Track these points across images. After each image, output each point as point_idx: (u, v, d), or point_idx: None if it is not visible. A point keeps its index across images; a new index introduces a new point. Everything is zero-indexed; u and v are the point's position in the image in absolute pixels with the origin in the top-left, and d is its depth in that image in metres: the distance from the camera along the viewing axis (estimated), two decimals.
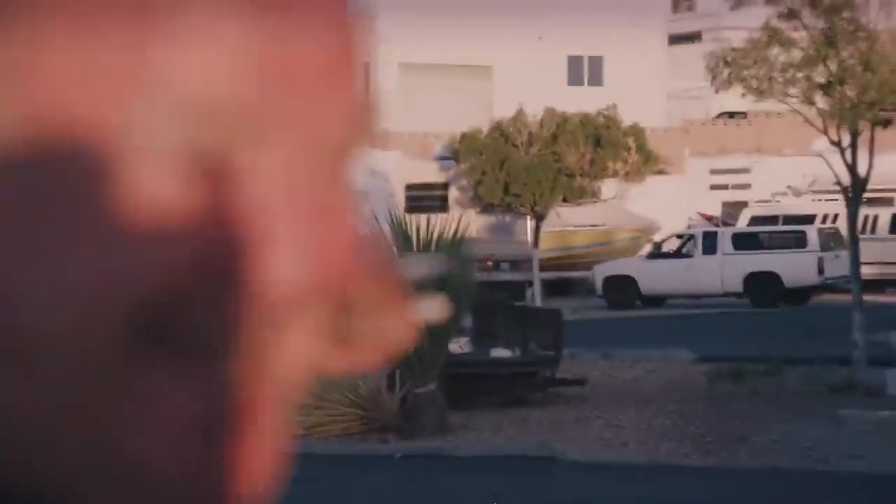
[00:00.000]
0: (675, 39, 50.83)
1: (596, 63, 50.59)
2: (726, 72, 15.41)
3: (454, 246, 12.84)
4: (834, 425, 11.96)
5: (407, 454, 11.47)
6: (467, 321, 14.36)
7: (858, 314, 14.45)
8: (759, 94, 15.24)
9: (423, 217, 13.82)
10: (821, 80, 15.06)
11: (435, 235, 12.76)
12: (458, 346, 14.10)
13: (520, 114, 28.97)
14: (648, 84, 48.25)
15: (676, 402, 13.64)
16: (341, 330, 0.52)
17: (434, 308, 0.60)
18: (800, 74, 15.07)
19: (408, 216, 13.89)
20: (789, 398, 13.61)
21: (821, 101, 15.09)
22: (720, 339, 19.73)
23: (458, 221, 13.15)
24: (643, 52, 49.13)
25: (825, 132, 15.06)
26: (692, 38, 52.10)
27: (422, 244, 12.71)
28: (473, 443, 11.89)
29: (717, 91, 16.05)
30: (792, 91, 15.18)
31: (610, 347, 18.22)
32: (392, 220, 13.54)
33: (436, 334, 12.38)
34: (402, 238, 12.74)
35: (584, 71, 50.73)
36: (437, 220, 13.29)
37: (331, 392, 12.43)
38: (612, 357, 17.66)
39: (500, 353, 14.42)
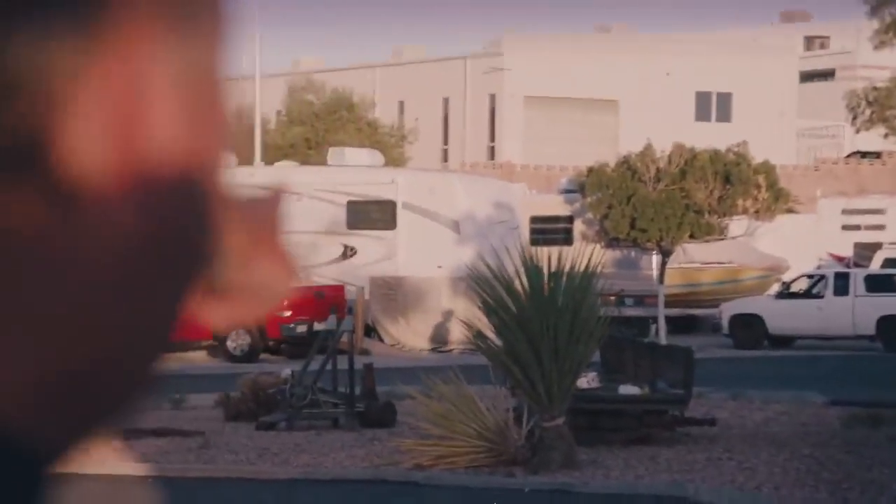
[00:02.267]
0: (807, 77, 50.08)
1: (724, 99, 50.07)
2: (868, 111, 15.09)
3: (585, 280, 12.67)
4: None
5: (535, 488, 11.31)
6: (595, 356, 14.17)
7: None
8: None
9: (548, 249, 13.69)
10: None
11: (565, 268, 12.59)
12: (587, 380, 13.91)
13: (648, 148, 28.71)
14: (778, 121, 47.57)
15: (810, 447, 13.28)
16: (215, 280, 0.53)
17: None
18: None
19: (533, 248, 13.79)
20: None
21: None
22: (852, 382, 19.23)
23: (590, 255, 12.97)
24: (773, 88, 48.43)
25: None
26: (825, 75, 51.31)
27: (550, 276, 12.55)
28: (602, 480, 11.68)
29: (857, 131, 15.75)
30: None
31: (738, 387, 17.85)
32: (521, 252, 13.43)
33: (564, 369, 12.21)
34: (532, 270, 12.60)
35: (711, 107, 50.23)
36: (564, 252, 13.14)
37: (458, 424, 12.32)
38: (742, 397, 17.30)
39: (628, 389, 14.19)
